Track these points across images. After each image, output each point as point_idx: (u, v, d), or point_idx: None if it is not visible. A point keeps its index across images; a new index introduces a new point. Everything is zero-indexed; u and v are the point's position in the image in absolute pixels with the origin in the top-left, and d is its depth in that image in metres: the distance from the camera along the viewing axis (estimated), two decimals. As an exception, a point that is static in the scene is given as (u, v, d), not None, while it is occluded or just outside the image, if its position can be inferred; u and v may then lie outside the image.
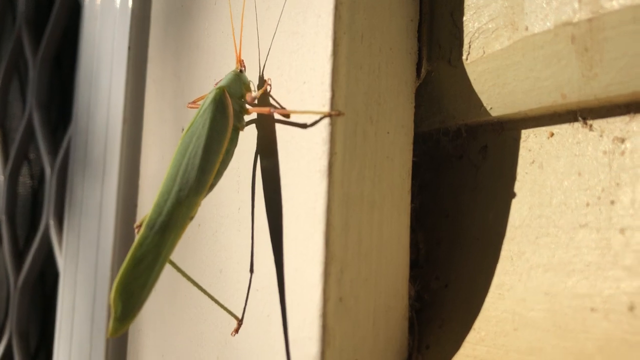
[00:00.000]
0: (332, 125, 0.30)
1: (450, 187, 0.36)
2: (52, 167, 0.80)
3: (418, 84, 0.34)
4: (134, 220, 0.55)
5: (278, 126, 0.34)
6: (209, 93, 0.35)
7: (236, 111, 0.35)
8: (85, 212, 0.63)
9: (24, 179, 1.01)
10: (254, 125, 0.37)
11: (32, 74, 0.89)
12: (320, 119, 0.31)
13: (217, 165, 0.34)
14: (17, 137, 0.92)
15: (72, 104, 0.69)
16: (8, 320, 0.89)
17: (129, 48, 0.56)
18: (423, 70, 0.34)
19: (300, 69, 0.32)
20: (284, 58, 0.34)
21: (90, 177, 0.62)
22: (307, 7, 0.32)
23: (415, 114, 0.34)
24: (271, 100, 0.35)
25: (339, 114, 0.30)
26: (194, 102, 0.39)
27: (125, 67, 0.56)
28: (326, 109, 0.30)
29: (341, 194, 0.30)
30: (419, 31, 0.34)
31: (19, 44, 0.95)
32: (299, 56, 0.33)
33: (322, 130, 0.31)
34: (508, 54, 0.30)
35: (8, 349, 0.88)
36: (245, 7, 0.38)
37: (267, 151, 0.35)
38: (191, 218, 0.33)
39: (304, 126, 0.32)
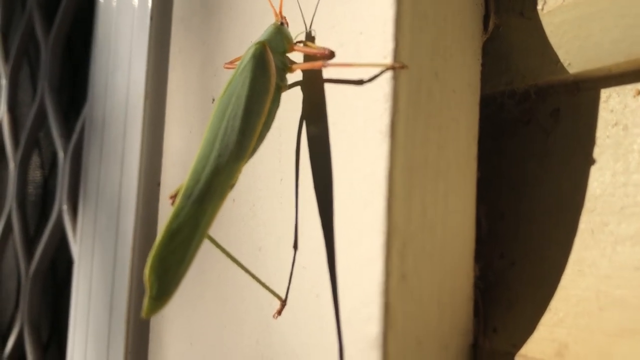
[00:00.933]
0: (395, 79, 0.27)
1: (515, 155, 0.32)
2: (65, 151, 0.77)
3: (485, 39, 0.31)
4: (156, 200, 0.52)
5: (328, 85, 0.31)
6: (248, 49, 0.32)
7: (279, 68, 0.31)
8: (102, 196, 0.60)
9: (35, 166, 0.98)
10: (297, 86, 0.33)
11: (44, 56, 0.85)
12: (381, 72, 0.27)
13: (259, 128, 0.30)
14: (27, 122, 0.89)
15: (87, 84, 0.66)
16: (19, 311, 0.86)
17: (151, 18, 0.53)
18: (491, 24, 0.31)
19: (355, 18, 0.29)
20: (335, 8, 0.30)
21: (108, 158, 0.59)
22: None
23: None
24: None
25: (403, 66, 0.27)
26: (231, 62, 0.35)
27: (147, 39, 0.53)
28: (388, 61, 0.27)
29: (404, 158, 0.27)
30: (485, -19, 0.31)
31: (30, 26, 0.92)
32: (353, 4, 0.29)
33: (384, 85, 0.27)
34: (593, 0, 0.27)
35: (19, 339, 0.85)
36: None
37: (314, 114, 0.32)
38: (232, 186, 0.30)
39: (359, 82, 0.28)
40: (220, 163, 0.30)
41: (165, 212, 0.49)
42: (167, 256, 0.28)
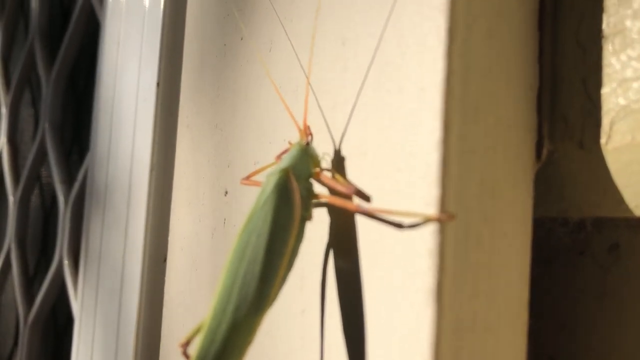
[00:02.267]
0: (440, 232, 0.24)
1: (567, 289, 0.29)
2: (66, 198, 0.73)
3: (537, 168, 0.27)
4: (162, 276, 0.48)
5: (359, 217, 0.27)
6: (269, 175, 0.28)
7: (303, 197, 0.28)
8: (104, 263, 0.56)
9: (35, 200, 0.95)
10: (322, 206, 0.30)
11: (45, 92, 0.82)
12: (424, 222, 0.24)
13: (282, 271, 0.27)
14: (28, 161, 0.85)
15: (90, 132, 0.63)
16: (17, 356, 0.83)
17: (158, 84, 0.49)
18: (544, 151, 0.27)
19: (392, 151, 0.26)
20: (368, 134, 0.27)
21: (111, 225, 0.56)
22: (404, 75, 0.25)
23: (527, 200, 0.27)
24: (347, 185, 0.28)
25: (451, 217, 0.23)
26: (247, 178, 0.32)
27: (154, 105, 0.49)
28: (432, 210, 0.24)
29: (452, 319, 0.24)
30: (539, 101, 0.27)
31: (31, 57, 0.89)
32: (391, 135, 0.26)
33: (427, 238, 0.24)
34: (673, 145, 0.24)
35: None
36: (312, 62, 0.31)
37: (343, 246, 0.28)
38: (249, 343, 0.27)
39: (398, 226, 0.25)
40: (238, 318, 0.26)
41: (171, 286, 0.46)
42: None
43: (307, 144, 0.28)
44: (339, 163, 0.28)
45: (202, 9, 0.44)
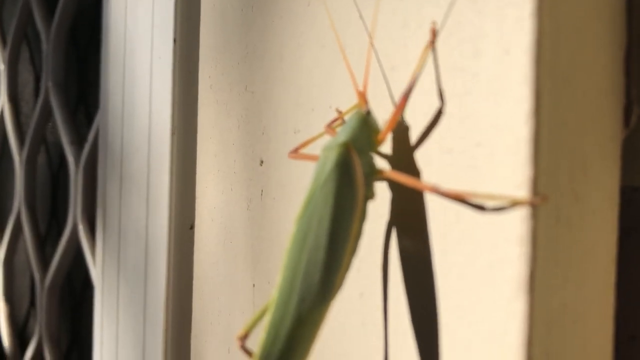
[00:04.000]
0: (533, 216, 0.21)
1: (649, 264, 0.27)
2: (76, 160, 0.71)
3: (625, 135, 0.24)
4: (191, 244, 0.46)
5: (431, 198, 0.25)
6: (326, 150, 0.25)
7: (366, 174, 0.25)
8: (125, 230, 0.54)
9: (41, 160, 0.92)
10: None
11: (46, 48, 0.78)
12: (513, 206, 0.21)
13: (348, 257, 0.24)
14: (32, 119, 0.82)
15: (99, 90, 0.59)
16: (36, 322, 0.82)
17: (175, 40, 0.46)
18: (633, 117, 0.24)
19: (470, 124, 0.23)
20: (436, 102, 0.24)
21: (130, 190, 0.53)
22: (482, 35, 0.22)
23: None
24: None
25: (545, 199, 0.21)
26: (296, 151, 0.29)
27: (171, 64, 0.46)
28: (523, 192, 0.21)
29: (543, 312, 0.21)
30: (627, 62, 0.24)
31: (27, 12, 0.84)
32: (469, 105, 0.23)
33: (516, 223, 0.21)
34: None
35: (38, 349, 0.81)
36: (372, 19, 0.28)
37: (408, 226, 0.26)
38: (316, 336, 0.24)
39: (480, 208, 0.22)
40: (303, 310, 0.24)
41: (202, 256, 0.44)
42: None
43: (368, 112, 0.25)
44: (402, 134, 0.25)
45: (222, -43, 0.40)
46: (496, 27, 0.22)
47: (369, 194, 0.25)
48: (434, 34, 0.24)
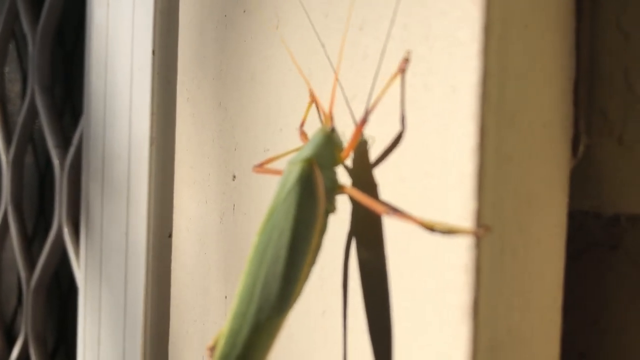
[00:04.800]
0: (477, 246, 0.22)
1: (599, 284, 0.28)
2: (61, 163, 0.71)
3: (573, 164, 0.25)
4: (168, 256, 0.47)
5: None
6: (290, 164, 0.26)
7: (328, 189, 0.26)
8: (107, 234, 0.55)
9: (29, 160, 0.92)
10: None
11: (32, 49, 0.78)
12: (459, 234, 0.22)
13: (306, 269, 0.25)
14: (19, 119, 0.83)
15: (82, 94, 0.60)
16: (22, 321, 0.83)
17: (154, 52, 0.47)
18: (581, 147, 0.25)
19: (421, 156, 0.24)
20: (392, 131, 0.25)
21: (112, 195, 0.54)
22: (433, 71, 0.23)
23: (559, 196, 0.26)
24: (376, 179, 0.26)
25: (488, 230, 0.22)
26: (261, 166, 0.30)
27: (150, 75, 0.47)
28: (468, 223, 0.22)
29: (488, 337, 0.22)
30: (576, 94, 0.25)
31: (14, 11, 0.84)
32: (420, 137, 0.24)
33: (462, 252, 0.22)
34: None
35: (24, 349, 0.82)
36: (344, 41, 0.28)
37: (367, 242, 0.26)
38: (272, 345, 0.26)
39: (430, 229, 0.23)
40: (261, 319, 0.25)
41: (179, 265, 0.45)
42: None
43: (332, 129, 0.26)
44: (364, 152, 0.26)
45: (199, -27, 0.41)
46: (445, 65, 0.23)
47: (330, 208, 0.26)
48: (406, 62, 0.24)
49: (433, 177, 0.23)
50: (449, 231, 0.22)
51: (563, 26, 0.25)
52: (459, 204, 0.22)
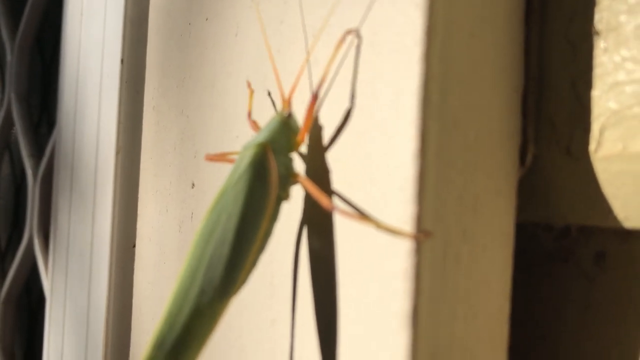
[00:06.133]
0: (417, 252, 0.22)
1: (550, 297, 0.28)
2: (34, 173, 0.71)
3: (521, 174, 0.25)
4: (132, 267, 0.47)
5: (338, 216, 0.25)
6: (244, 149, 0.26)
7: (282, 175, 0.25)
8: (73, 245, 0.54)
9: (5, 170, 0.92)
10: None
11: (10, 59, 0.78)
12: (400, 237, 0.22)
13: (252, 256, 0.25)
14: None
15: (57, 105, 0.60)
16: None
17: (122, 61, 0.47)
18: (529, 156, 0.25)
19: (366, 160, 0.24)
20: (341, 137, 0.25)
21: (79, 206, 0.53)
22: (378, 77, 0.23)
23: (510, 206, 0.26)
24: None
25: (428, 235, 0.22)
26: (216, 155, 0.30)
27: (118, 83, 0.47)
28: (408, 227, 0.22)
29: (428, 345, 0.22)
30: (524, 103, 0.25)
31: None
32: (367, 143, 0.24)
33: (402, 258, 0.22)
34: (668, 158, 0.22)
35: (-8, 363, 0.80)
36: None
37: (319, 241, 0.26)
38: (212, 331, 0.25)
39: (374, 226, 0.23)
40: (202, 302, 0.24)
41: (141, 275, 0.44)
42: None
43: (289, 115, 0.26)
44: (317, 138, 0.26)
45: (167, -18, 0.41)
46: (390, 70, 0.23)
47: (284, 195, 0.26)
48: (345, 36, 0.24)
49: (377, 181, 0.23)
50: (392, 231, 0.22)
51: (512, 37, 0.25)
52: (400, 209, 0.22)
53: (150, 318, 0.42)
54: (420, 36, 0.22)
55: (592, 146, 0.24)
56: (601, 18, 0.24)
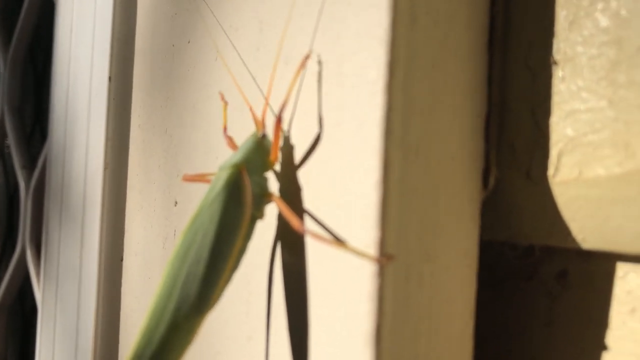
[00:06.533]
0: (380, 274, 0.23)
1: (515, 314, 0.29)
2: (27, 184, 0.72)
3: (484, 196, 0.26)
4: (120, 275, 0.47)
5: (309, 238, 0.26)
6: (221, 170, 0.27)
7: (256, 195, 0.26)
8: (63, 258, 0.55)
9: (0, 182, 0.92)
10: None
11: (3, 71, 0.79)
12: (364, 258, 0.23)
13: (226, 274, 0.26)
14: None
15: (48, 120, 0.61)
16: (-16, 342, 0.82)
17: (110, 79, 0.48)
18: (491, 180, 0.26)
19: (332, 186, 0.25)
20: (310, 163, 0.26)
21: (69, 219, 0.54)
22: (343, 106, 0.24)
23: (475, 226, 0.27)
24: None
25: (390, 258, 0.23)
26: (193, 176, 0.31)
27: (106, 101, 0.48)
28: (372, 251, 0.23)
29: (390, 364, 0.23)
30: (487, 128, 0.26)
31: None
32: (332, 170, 0.25)
33: (366, 281, 0.23)
34: (618, 185, 0.23)
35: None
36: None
37: (291, 259, 0.27)
38: (189, 345, 0.26)
39: (341, 247, 0.24)
40: (179, 317, 0.25)
41: (128, 289, 0.45)
42: None
43: (264, 135, 0.27)
44: (289, 156, 0.27)
45: (152, 3, 0.42)
46: (354, 101, 0.24)
47: (258, 215, 0.27)
48: (307, 59, 0.25)
49: (342, 207, 0.24)
50: (358, 254, 0.23)
51: (475, 64, 0.26)
52: (364, 233, 0.23)
53: (136, 330, 0.43)
54: (383, 70, 0.23)
55: (550, 171, 0.25)
56: (559, 48, 0.25)
